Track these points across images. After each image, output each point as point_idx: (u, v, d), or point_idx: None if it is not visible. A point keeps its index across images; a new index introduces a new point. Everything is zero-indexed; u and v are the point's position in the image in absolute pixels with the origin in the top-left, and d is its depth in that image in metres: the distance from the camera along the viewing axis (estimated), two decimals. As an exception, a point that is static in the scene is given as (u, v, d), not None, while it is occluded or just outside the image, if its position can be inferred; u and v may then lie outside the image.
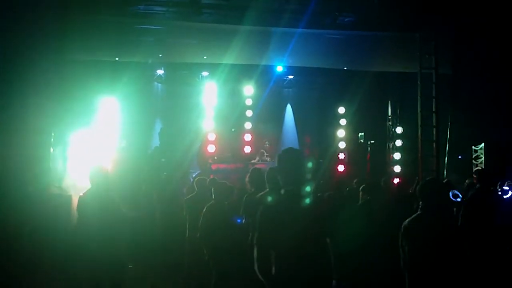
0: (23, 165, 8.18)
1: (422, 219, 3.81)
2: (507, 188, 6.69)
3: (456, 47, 11.14)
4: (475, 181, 6.04)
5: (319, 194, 6.03)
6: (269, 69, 14.50)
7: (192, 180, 9.58)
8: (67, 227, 6.48)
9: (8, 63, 8.39)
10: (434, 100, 11.03)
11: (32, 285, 6.45)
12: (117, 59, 12.09)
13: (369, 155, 14.69)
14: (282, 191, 3.47)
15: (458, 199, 5.98)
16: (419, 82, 11.04)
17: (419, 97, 11.11)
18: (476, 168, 11.90)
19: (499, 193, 6.52)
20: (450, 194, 5.97)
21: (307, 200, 3.44)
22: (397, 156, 14.56)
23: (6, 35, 8.18)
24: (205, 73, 14.66)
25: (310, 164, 3.72)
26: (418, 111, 11.13)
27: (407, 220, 3.87)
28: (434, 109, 11.04)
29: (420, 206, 3.90)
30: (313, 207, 3.47)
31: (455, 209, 5.97)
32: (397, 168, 14.35)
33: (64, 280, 6.75)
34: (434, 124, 11.03)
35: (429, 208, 3.81)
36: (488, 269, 5.15)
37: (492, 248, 5.25)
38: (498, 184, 8.40)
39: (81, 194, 5.53)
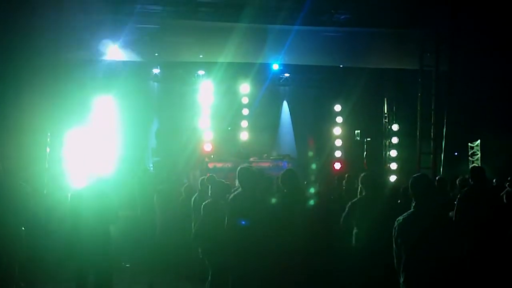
0: (19, 164, 8.14)
1: (415, 216, 3.80)
2: None
3: (452, 44, 11.15)
4: (469, 177, 6.11)
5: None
6: (265, 67, 14.48)
7: (186, 181, 9.54)
8: (64, 226, 6.47)
9: (3, 61, 8.36)
10: (433, 98, 11.06)
11: (29, 283, 6.45)
12: (113, 58, 12.03)
13: (366, 153, 14.69)
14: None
15: None
16: (419, 80, 11.05)
17: (419, 94, 11.12)
18: (472, 165, 11.95)
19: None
20: None
21: None
22: (393, 153, 14.59)
23: (0, 34, 8.15)
24: (201, 72, 14.65)
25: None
26: (418, 108, 11.14)
27: (401, 217, 3.85)
28: (433, 107, 11.07)
29: (413, 203, 3.89)
30: None
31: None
32: (393, 165, 14.38)
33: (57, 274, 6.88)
34: (433, 122, 11.06)
35: (422, 204, 3.80)
36: (483, 266, 5.18)
37: (485, 244, 5.29)
38: (494, 181, 8.46)
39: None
